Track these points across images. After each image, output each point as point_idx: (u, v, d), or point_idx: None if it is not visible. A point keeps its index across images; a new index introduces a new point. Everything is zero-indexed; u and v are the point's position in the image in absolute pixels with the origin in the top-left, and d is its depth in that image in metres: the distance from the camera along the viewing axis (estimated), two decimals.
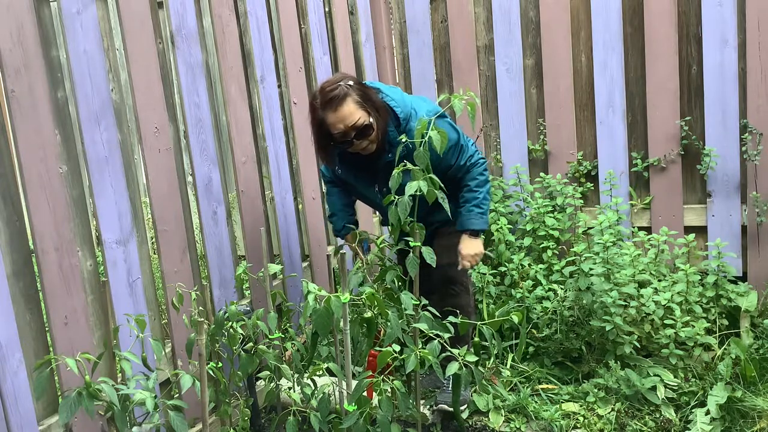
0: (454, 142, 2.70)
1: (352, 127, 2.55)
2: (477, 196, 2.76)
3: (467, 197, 2.77)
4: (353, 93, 2.55)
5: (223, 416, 2.44)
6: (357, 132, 2.56)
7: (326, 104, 2.54)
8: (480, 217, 2.76)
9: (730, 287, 3.28)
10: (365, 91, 2.61)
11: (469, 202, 2.76)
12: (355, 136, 2.57)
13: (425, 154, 2.25)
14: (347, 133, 2.56)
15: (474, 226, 2.76)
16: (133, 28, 2.51)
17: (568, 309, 3.21)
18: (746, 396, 2.76)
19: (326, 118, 2.56)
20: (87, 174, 2.36)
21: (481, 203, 2.76)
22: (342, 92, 2.53)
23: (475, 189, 2.76)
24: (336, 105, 2.53)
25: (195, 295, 2.42)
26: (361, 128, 2.56)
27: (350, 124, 2.55)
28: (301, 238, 3.51)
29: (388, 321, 2.17)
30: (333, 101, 2.53)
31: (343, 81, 2.57)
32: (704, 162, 3.53)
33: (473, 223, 2.76)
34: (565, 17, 3.76)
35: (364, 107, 2.56)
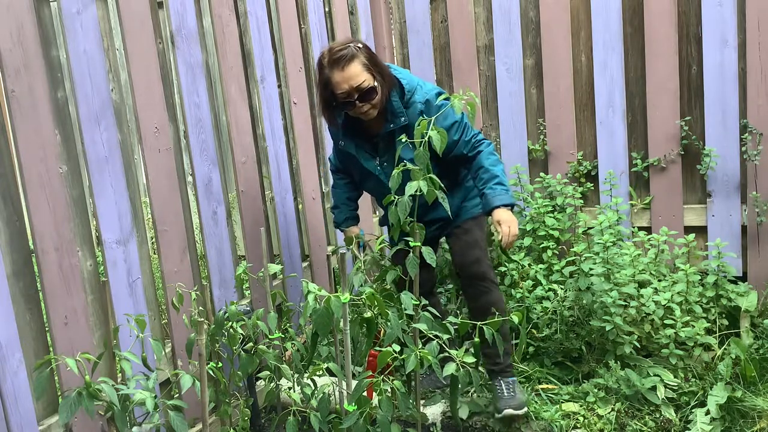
0: (458, 119, 2.69)
1: (356, 88, 2.57)
2: (496, 173, 2.70)
3: (485, 177, 2.71)
4: (361, 55, 2.58)
5: (223, 416, 2.44)
6: (360, 94, 2.58)
7: (333, 63, 2.56)
8: (505, 192, 2.69)
9: (730, 287, 3.28)
10: (373, 56, 2.64)
11: (490, 181, 2.70)
12: (358, 98, 2.59)
13: (425, 154, 2.25)
14: (351, 93, 2.58)
15: (503, 201, 2.67)
16: (133, 28, 2.51)
17: (568, 309, 3.21)
18: (746, 396, 2.76)
19: (332, 76, 2.57)
20: (87, 174, 2.36)
21: (502, 180, 2.70)
22: (350, 53, 2.56)
23: (490, 168, 2.71)
24: (343, 64, 2.55)
25: (195, 295, 2.42)
26: (365, 91, 2.58)
27: (355, 85, 2.56)
28: (301, 238, 3.51)
29: (388, 321, 2.17)
30: (340, 60, 2.55)
31: (353, 43, 2.60)
32: (704, 162, 3.53)
33: (501, 198, 2.67)
34: (565, 17, 3.76)
35: (371, 71, 2.59)
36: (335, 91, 2.60)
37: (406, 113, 2.68)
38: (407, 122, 2.66)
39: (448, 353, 2.21)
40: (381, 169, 2.80)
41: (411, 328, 2.32)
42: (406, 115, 2.68)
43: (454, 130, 2.69)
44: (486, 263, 2.85)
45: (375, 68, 2.61)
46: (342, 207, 3.08)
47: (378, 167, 2.81)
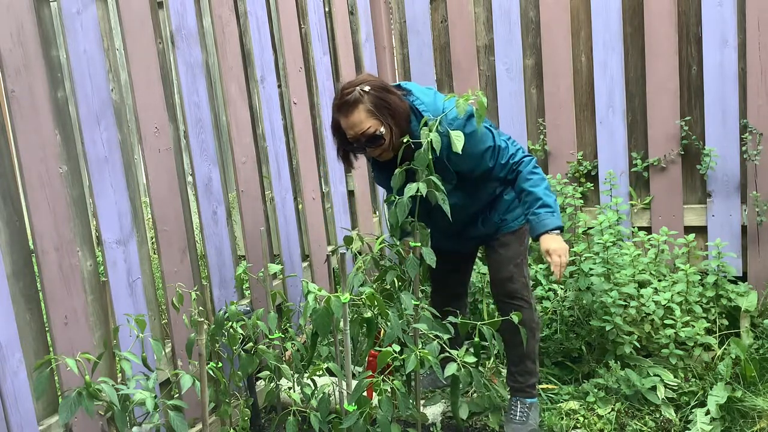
0: (491, 144, 2.58)
1: (361, 135, 2.47)
2: (539, 195, 2.56)
3: (528, 200, 2.58)
4: (366, 100, 2.44)
5: (223, 416, 2.44)
6: (366, 140, 2.48)
7: (339, 108, 2.50)
8: (551, 215, 2.55)
9: (730, 287, 3.28)
10: (383, 97, 2.47)
11: (533, 205, 2.57)
12: (366, 144, 2.50)
13: (426, 155, 2.25)
14: (357, 139, 2.50)
15: (549, 226, 2.54)
16: (133, 28, 2.51)
17: (568, 309, 3.21)
18: (746, 396, 2.76)
19: (340, 121, 2.51)
20: (87, 174, 2.36)
21: (546, 201, 2.56)
22: (354, 98, 2.44)
23: (532, 190, 2.57)
24: (346, 111, 2.47)
25: (195, 295, 2.42)
26: (371, 137, 2.47)
27: (359, 132, 2.47)
28: (301, 238, 3.51)
29: (388, 321, 2.17)
30: (344, 106, 2.47)
31: (361, 85, 2.47)
32: (704, 162, 3.53)
33: (546, 223, 2.54)
34: (565, 17, 3.76)
35: (376, 116, 2.45)
36: (346, 135, 2.52)
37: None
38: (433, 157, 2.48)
39: (448, 353, 2.21)
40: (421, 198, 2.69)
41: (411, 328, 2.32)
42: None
43: (488, 156, 2.58)
44: (520, 281, 2.74)
45: (383, 111, 2.45)
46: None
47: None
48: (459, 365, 2.17)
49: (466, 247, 2.90)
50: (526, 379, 2.79)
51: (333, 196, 3.70)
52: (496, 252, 2.77)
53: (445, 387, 3.08)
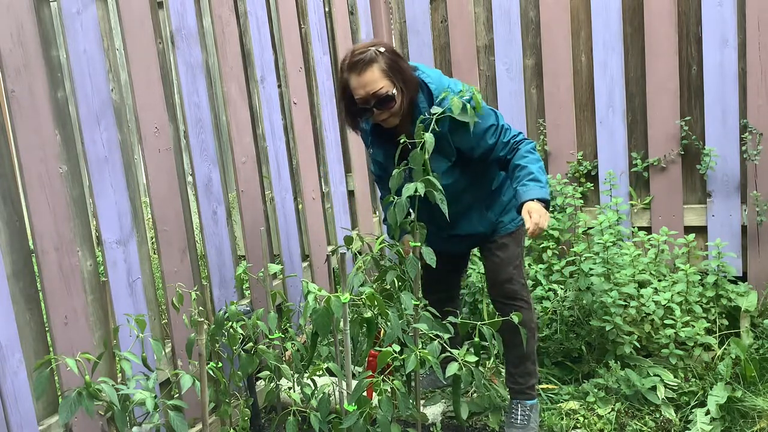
0: (494, 122, 2.57)
1: (372, 95, 2.44)
2: (531, 170, 2.50)
3: (520, 174, 2.52)
4: (381, 60, 2.44)
5: (223, 416, 2.44)
6: (377, 101, 2.45)
7: (351, 66, 2.45)
8: (539, 188, 2.47)
9: (730, 287, 3.28)
10: (396, 61, 2.48)
11: (524, 178, 2.50)
12: (375, 105, 2.46)
13: (422, 155, 2.25)
14: (367, 100, 2.46)
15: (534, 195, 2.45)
16: (133, 28, 2.51)
17: (568, 309, 3.21)
18: (746, 396, 2.76)
19: (350, 81, 2.47)
20: (87, 174, 2.36)
21: (537, 177, 2.49)
22: (369, 57, 2.43)
23: (526, 165, 2.52)
24: (360, 69, 2.43)
25: (195, 295, 2.42)
26: (382, 98, 2.45)
27: (371, 92, 2.44)
28: (301, 238, 3.51)
29: (388, 321, 2.17)
30: (357, 65, 2.43)
31: (375, 46, 2.46)
32: (704, 162, 3.54)
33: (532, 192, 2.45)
34: (565, 17, 3.77)
35: (390, 77, 2.45)
36: (354, 95, 2.49)
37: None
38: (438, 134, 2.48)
39: (449, 353, 2.21)
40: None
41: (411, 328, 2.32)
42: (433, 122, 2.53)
43: (491, 133, 2.56)
44: (519, 282, 2.73)
45: (396, 74, 2.46)
46: None
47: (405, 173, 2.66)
48: (460, 365, 2.17)
49: (459, 247, 2.87)
50: (526, 380, 2.79)
51: (333, 196, 3.70)
52: (494, 254, 2.75)
53: (445, 387, 3.08)
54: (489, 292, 2.83)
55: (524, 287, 2.76)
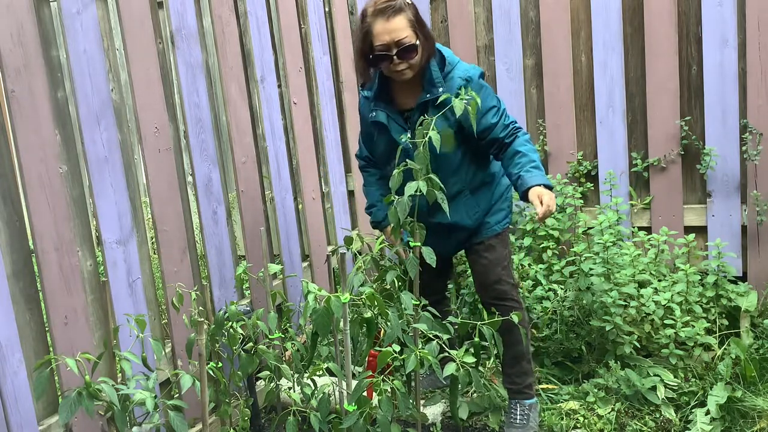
0: (497, 104, 2.63)
1: (396, 43, 2.46)
2: (533, 158, 2.54)
3: (522, 161, 2.54)
4: (408, 10, 2.48)
5: (223, 416, 2.44)
6: (400, 50, 2.47)
7: (379, 12, 2.46)
8: (542, 176, 2.50)
9: (730, 287, 3.28)
10: (420, 15, 2.54)
11: (527, 165, 2.53)
12: (397, 53, 2.47)
13: (425, 154, 2.24)
14: (390, 47, 2.47)
15: (541, 181, 2.48)
16: (133, 28, 2.51)
17: (568, 309, 3.21)
18: (746, 396, 2.76)
19: (374, 26, 2.46)
20: (87, 174, 2.36)
21: (539, 165, 2.54)
22: (398, 5, 2.46)
23: (528, 152, 2.56)
24: (389, 14, 2.45)
25: (195, 295, 2.42)
26: (406, 47, 2.47)
27: (396, 39, 2.46)
28: (301, 238, 3.51)
29: (387, 321, 2.17)
30: (387, 10, 2.45)
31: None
32: (704, 162, 3.54)
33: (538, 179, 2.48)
34: (565, 17, 3.76)
35: (414, 28, 2.49)
36: (374, 42, 2.48)
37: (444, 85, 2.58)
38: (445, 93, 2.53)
39: (448, 353, 2.20)
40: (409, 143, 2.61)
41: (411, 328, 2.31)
42: (444, 87, 2.58)
43: (492, 113, 2.60)
44: (508, 283, 2.74)
45: (419, 27, 2.50)
46: (379, 205, 2.86)
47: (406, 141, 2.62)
48: (458, 365, 2.17)
49: (448, 247, 2.82)
50: (523, 380, 2.79)
51: (333, 196, 3.70)
52: (482, 257, 2.74)
53: (445, 387, 3.08)
54: (479, 295, 2.81)
55: (513, 287, 2.75)
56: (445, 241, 2.77)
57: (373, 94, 2.67)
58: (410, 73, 2.55)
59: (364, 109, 2.77)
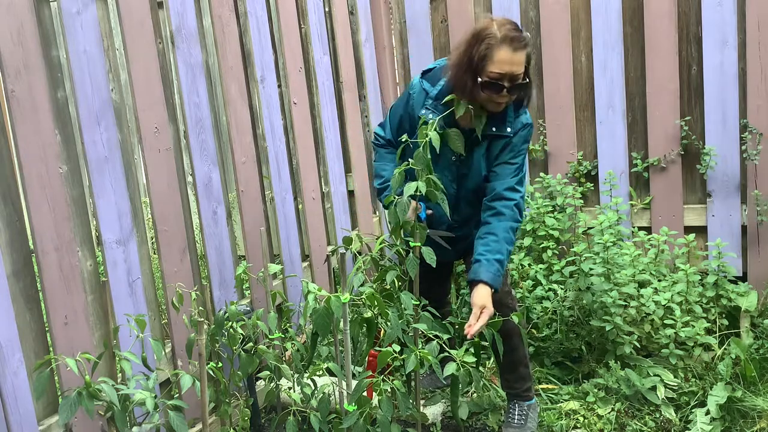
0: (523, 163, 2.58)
1: (512, 77, 2.36)
2: (501, 250, 2.46)
3: (491, 246, 2.46)
4: (530, 49, 2.41)
5: (223, 416, 2.44)
6: (512, 86, 2.37)
7: (508, 39, 2.33)
8: (498, 274, 2.44)
9: (730, 287, 3.28)
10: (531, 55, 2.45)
11: (490, 253, 2.45)
12: (509, 88, 2.37)
13: (425, 154, 2.24)
14: (504, 77, 2.35)
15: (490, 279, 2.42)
16: (133, 28, 2.51)
17: (568, 309, 3.21)
18: (746, 396, 2.76)
19: (498, 52, 2.33)
20: (87, 174, 2.36)
21: (503, 261, 2.47)
22: (528, 40, 2.38)
23: (501, 241, 2.47)
24: (518, 46, 2.33)
25: (195, 295, 2.42)
26: (518, 85, 2.38)
27: (516, 73, 2.35)
28: (301, 238, 3.51)
29: (387, 321, 2.17)
30: (517, 40, 2.33)
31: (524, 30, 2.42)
32: (704, 162, 3.54)
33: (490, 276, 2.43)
34: (565, 17, 3.76)
35: (527, 68, 2.41)
36: (489, 67, 2.34)
37: (512, 126, 2.52)
38: (511, 133, 2.51)
39: (448, 353, 2.20)
40: (455, 160, 2.58)
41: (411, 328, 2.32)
42: (512, 127, 2.52)
43: (518, 170, 2.55)
44: (504, 290, 2.66)
45: (529, 69, 2.43)
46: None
47: (454, 157, 2.57)
48: (458, 365, 2.17)
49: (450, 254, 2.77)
50: (521, 385, 2.78)
51: (333, 196, 3.70)
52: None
53: (445, 387, 3.08)
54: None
55: (508, 294, 2.72)
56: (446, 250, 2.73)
57: (436, 93, 2.54)
58: (502, 107, 2.45)
59: (417, 99, 2.60)
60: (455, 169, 2.60)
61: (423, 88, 2.59)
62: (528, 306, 3.31)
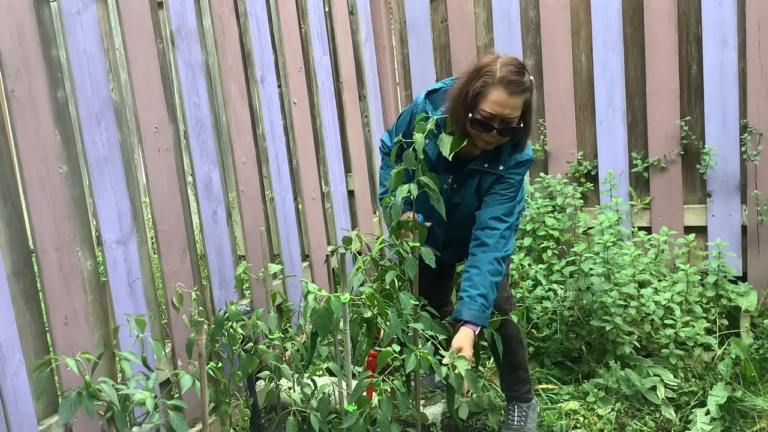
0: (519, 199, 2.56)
1: (503, 120, 2.31)
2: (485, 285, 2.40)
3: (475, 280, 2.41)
4: (529, 94, 2.33)
5: (223, 416, 2.44)
6: (502, 129, 2.33)
7: (506, 82, 2.27)
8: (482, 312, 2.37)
9: (730, 287, 3.28)
10: (532, 101, 2.37)
11: (474, 288, 2.40)
12: (499, 130, 2.33)
13: (414, 154, 2.24)
14: (495, 119, 2.30)
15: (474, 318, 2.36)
16: (133, 28, 2.51)
17: (568, 309, 3.21)
18: (746, 396, 2.76)
19: (492, 90, 2.28)
20: (87, 174, 2.36)
21: (488, 297, 2.40)
22: (527, 84, 2.30)
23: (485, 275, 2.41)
24: (514, 90, 2.27)
25: (195, 295, 2.42)
26: (508, 129, 2.34)
27: (507, 116, 2.30)
28: (301, 238, 3.51)
29: (387, 321, 2.17)
30: (515, 84, 2.27)
31: (529, 75, 2.34)
32: (704, 162, 3.54)
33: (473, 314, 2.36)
34: (565, 17, 3.76)
35: (524, 112, 2.35)
36: (482, 105, 2.30)
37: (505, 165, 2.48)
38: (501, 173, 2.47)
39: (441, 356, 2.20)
40: (447, 188, 2.57)
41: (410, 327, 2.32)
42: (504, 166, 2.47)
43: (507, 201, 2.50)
44: (502, 295, 2.64)
45: (528, 114, 2.36)
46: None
47: (446, 186, 2.56)
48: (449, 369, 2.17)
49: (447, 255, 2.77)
50: (520, 387, 2.78)
51: (333, 196, 3.70)
52: None
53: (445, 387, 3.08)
54: None
55: (507, 300, 2.70)
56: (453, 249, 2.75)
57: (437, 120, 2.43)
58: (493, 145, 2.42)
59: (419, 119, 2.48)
60: (446, 196, 2.56)
61: (426, 110, 2.56)
62: (528, 306, 3.31)
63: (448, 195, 2.58)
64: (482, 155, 2.49)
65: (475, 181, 2.52)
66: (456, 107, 2.37)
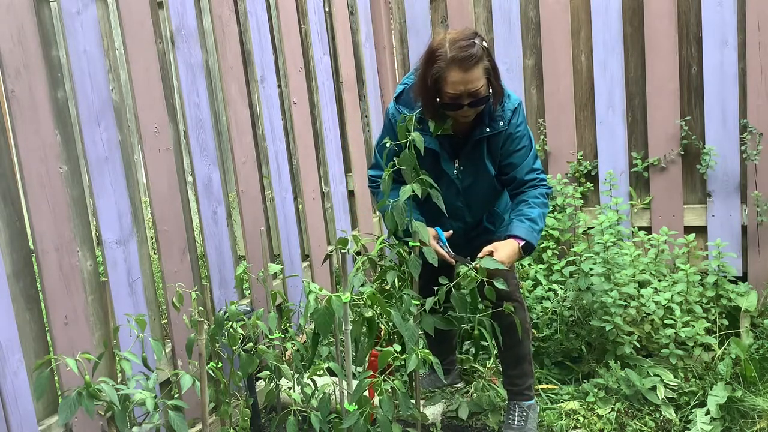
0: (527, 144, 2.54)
1: (470, 93, 2.32)
2: (533, 214, 2.46)
3: (522, 209, 2.48)
4: (485, 58, 2.31)
5: (223, 416, 2.44)
6: (473, 101, 2.33)
7: (457, 61, 2.27)
8: (531, 231, 2.43)
9: (730, 287, 3.28)
10: (493, 60, 2.37)
11: (523, 215, 2.47)
12: (470, 104, 2.33)
13: (411, 155, 2.24)
14: (463, 96, 2.32)
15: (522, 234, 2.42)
16: (133, 28, 2.51)
17: (568, 309, 3.21)
18: (746, 396, 2.76)
19: (448, 74, 2.30)
20: (87, 174, 2.36)
21: (537, 220, 2.46)
22: (477, 53, 2.27)
23: (533, 206, 2.48)
24: (468, 65, 2.27)
25: (195, 295, 2.42)
26: (479, 99, 2.33)
27: (472, 90, 2.31)
28: (301, 238, 3.51)
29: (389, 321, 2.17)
30: (466, 60, 2.27)
31: (477, 39, 2.30)
32: (704, 162, 3.54)
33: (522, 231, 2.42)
34: (565, 17, 3.77)
35: (489, 76, 2.34)
36: (445, 89, 2.32)
37: (503, 118, 2.48)
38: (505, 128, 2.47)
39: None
40: (457, 173, 2.57)
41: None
42: (503, 120, 2.47)
43: (528, 149, 2.53)
44: (512, 283, 2.64)
45: (494, 75, 2.37)
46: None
47: (455, 171, 2.56)
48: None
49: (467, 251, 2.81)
50: (523, 382, 2.78)
51: (333, 196, 3.70)
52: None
53: (445, 387, 3.08)
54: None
55: (517, 288, 2.73)
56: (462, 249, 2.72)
57: (418, 115, 2.45)
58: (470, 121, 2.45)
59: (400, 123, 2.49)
60: (458, 182, 2.58)
61: (402, 113, 2.53)
62: (528, 306, 3.31)
63: (459, 180, 2.58)
64: (476, 123, 2.49)
65: (483, 149, 2.52)
66: (424, 98, 2.41)
